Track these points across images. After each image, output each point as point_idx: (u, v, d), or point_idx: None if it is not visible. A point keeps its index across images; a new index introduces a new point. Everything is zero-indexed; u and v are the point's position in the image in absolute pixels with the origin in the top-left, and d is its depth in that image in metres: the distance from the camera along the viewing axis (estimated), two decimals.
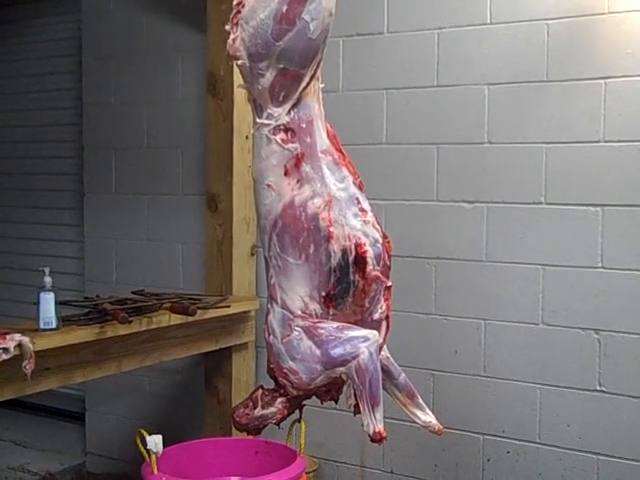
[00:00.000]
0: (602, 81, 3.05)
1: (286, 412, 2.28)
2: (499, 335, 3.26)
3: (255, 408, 2.27)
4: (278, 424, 2.29)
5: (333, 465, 3.64)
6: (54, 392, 3.56)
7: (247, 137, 3.58)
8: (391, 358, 2.38)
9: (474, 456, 3.33)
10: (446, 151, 3.34)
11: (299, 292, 2.21)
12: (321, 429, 3.55)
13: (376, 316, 2.25)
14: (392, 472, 3.49)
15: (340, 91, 3.48)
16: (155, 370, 3.51)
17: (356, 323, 2.22)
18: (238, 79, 3.50)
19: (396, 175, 3.43)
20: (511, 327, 3.23)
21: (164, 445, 3.19)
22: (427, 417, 2.40)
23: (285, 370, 2.21)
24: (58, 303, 2.92)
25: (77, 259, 4.32)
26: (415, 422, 2.40)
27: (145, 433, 3.13)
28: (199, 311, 3.21)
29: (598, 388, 3.07)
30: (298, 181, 2.21)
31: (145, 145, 4.03)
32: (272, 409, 2.26)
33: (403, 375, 2.39)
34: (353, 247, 2.18)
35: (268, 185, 2.23)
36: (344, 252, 2.18)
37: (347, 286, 2.19)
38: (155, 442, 3.14)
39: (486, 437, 3.31)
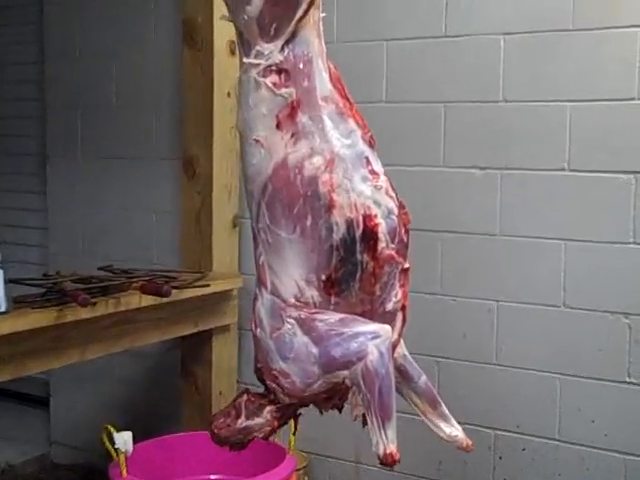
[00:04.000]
0: (637, 29, 2.57)
1: (276, 424, 1.77)
2: (514, 318, 2.84)
3: (238, 418, 1.75)
4: (266, 438, 1.79)
5: (325, 461, 3.19)
6: None
7: (229, 94, 3.09)
8: (409, 356, 1.88)
9: (484, 453, 2.89)
10: (455, 110, 2.91)
11: (293, 275, 1.69)
12: (312, 421, 3.05)
13: (389, 306, 1.74)
14: (391, 469, 3.01)
15: (334, 42, 2.98)
16: (125, 354, 3.02)
17: (363, 315, 1.71)
18: (219, 27, 3.03)
19: (398, 138, 2.96)
20: (528, 310, 2.79)
21: (135, 440, 2.76)
22: (452, 430, 1.91)
23: (275, 372, 1.70)
24: (8, 281, 2.44)
25: (41, 229, 3.79)
26: (438, 435, 1.91)
27: (112, 429, 2.69)
28: (174, 291, 2.72)
29: (627, 380, 2.68)
30: (293, 135, 1.69)
31: (114, 103, 3.52)
32: (259, 420, 1.75)
33: (424, 378, 1.89)
34: (361, 219, 1.67)
35: (256, 140, 1.71)
36: (349, 225, 1.67)
37: (353, 268, 1.68)
38: (124, 440, 2.72)
39: (498, 432, 2.88)
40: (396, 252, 1.72)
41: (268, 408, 1.75)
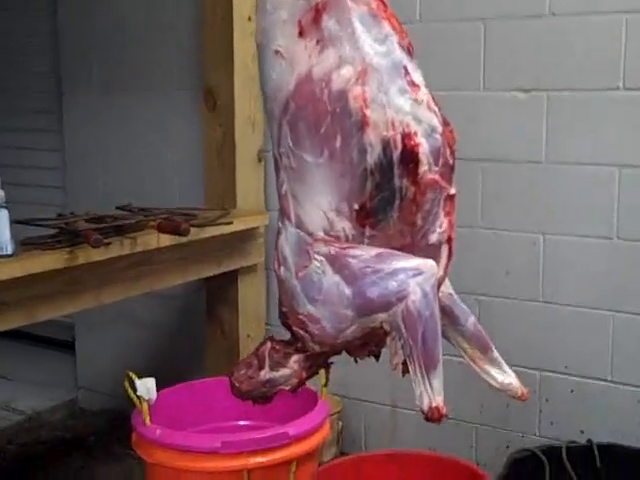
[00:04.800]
0: None
1: (304, 375, 1.52)
2: (562, 252, 2.56)
3: (261, 369, 1.51)
4: (294, 391, 1.55)
5: (360, 404, 2.96)
6: None
7: (250, 18, 2.80)
8: (455, 295, 1.62)
9: (529, 396, 2.60)
10: (495, 27, 2.60)
11: (321, 205, 1.44)
12: (344, 363, 2.84)
13: (433, 238, 1.48)
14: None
15: None
16: (149, 296, 2.81)
17: (403, 249, 1.45)
18: None
19: (432, 59, 2.64)
20: (577, 242, 2.52)
21: (160, 385, 2.55)
22: (506, 377, 1.67)
23: (302, 317, 1.45)
24: (15, 222, 2.23)
25: (58, 170, 3.55)
26: (489, 383, 1.66)
27: (134, 376, 2.48)
28: (194, 229, 2.48)
29: None
30: (318, 43, 1.42)
31: (129, 31, 3.22)
32: (285, 370, 1.51)
33: (472, 319, 1.63)
34: (399, 138, 1.40)
35: (276, 51, 1.45)
36: (386, 145, 1.40)
37: (390, 195, 1.42)
38: (147, 387, 2.50)
39: (544, 373, 2.63)
40: (440, 176, 1.46)
41: (295, 357, 1.50)
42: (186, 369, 3.17)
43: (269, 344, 1.54)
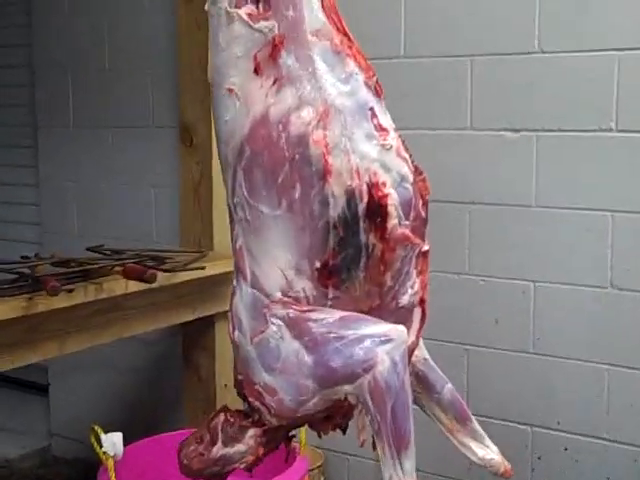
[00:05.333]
0: None
1: (261, 452, 1.34)
2: (554, 301, 2.38)
3: (214, 444, 1.33)
4: (249, 470, 1.37)
5: (342, 458, 2.77)
6: None
7: None
8: (430, 361, 1.44)
9: (521, 453, 2.46)
10: (483, 65, 2.43)
11: (279, 262, 1.27)
12: None
13: (404, 300, 1.30)
14: (418, 469, 2.58)
15: None
16: (126, 341, 2.63)
17: (371, 312, 1.28)
18: None
19: (418, 97, 2.50)
20: (570, 291, 2.35)
21: (136, 434, 2.37)
22: (487, 452, 1.49)
23: (258, 387, 1.28)
24: None
25: (35, 206, 3.39)
26: (468, 458, 1.48)
27: (100, 430, 2.30)
28: (164, 275, 2.31)
29: None
30: (275, 81, 1.26)
31: (107, 67, 3.07)
32: (240, 446, 1.33)
33: (449, 387, 1.45)
34: (365, 188, 1.24)
35: (229, 90, 1.29)
36: (350, 197, 1.23)
37: (356, 252, 1.25)
38: (113, 442, 2.32)
39: (536, 429, 2.45)
40: (412, 230, 1.29)
41: (251, 431, 1.32)
42: (163, 416, 2.99)
43: (222, 416, 1.36)
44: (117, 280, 2.28)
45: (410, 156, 1.30)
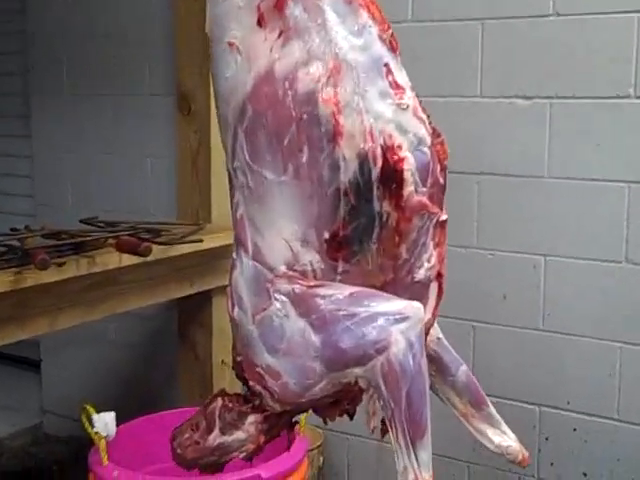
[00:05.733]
0: None
1: (262, 439, 1.22)
2: (565, 276, 2.26)
3: (210, 432, 1.21)
4: (249, 459, 1.25)
5: (343, 438, 2.66)
6: None
7: None
8: (444, 341, 1.32)
9: (528, 433, 2.34)
10: (494, 28, 2.30)
11: (284, 232, 1.14)
12: None
13: (420, 274, 1.18)
14: None
15: None
16: (121, 315, 2.51)
17: (384, 287, 1.16)
18: None
19: (426, 63, 2.37)
20: (582, 266, 2.24)
21: (129, 413, 2.26)
22: (504, 439, 1.37)
23: (260, 369, 1.16)
24: None
25: (28, 178, 3.25)
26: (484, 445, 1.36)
27: (92, 410, 2.19)
28: (159, 248, 2.19)
29: None
30: (281, 34, 1.13)
31: (101, 33, 2.93)
32: (239, 434, 1.20)
33: (464, 368, 1.33)
34: (379, 152, 1.11)
35: (230, 44, 1.16)
36: (363, 161, 1.11)
37: (369, 222, 1.13)
38: (105, 422, 2.21)
39: (544, 409, 2.34)
40: (429, 198, 1.16)
41: (251, 418, 1.20)
42: (158, 395, 2.88)
43: (220, 401, 1.23)
44: (111, 253, 2.15)
45: (428, 117, 1.18)
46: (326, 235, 1.13)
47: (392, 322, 1.10)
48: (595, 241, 2.21)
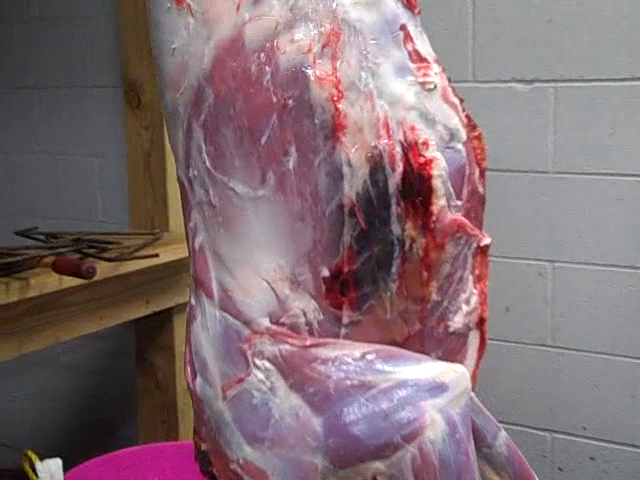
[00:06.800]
0: None
1: None
2: (575, 284, 1.95)
3: None
4: None
5: None
6: None
7: None
8: (476, 400, 0.97)
9: (538, 464, 2.04)
10: (487, 2, 1.88)
11: (263, 270, 0.77)
12: None
13: (456, 322, 0.81)
14: None
15: None
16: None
17: (408, 343, 0.80)
18: None
19: None
20: (595, 273, 1.92)
21: (85, 447, 1.96)
22: None
23: (235, 466, 0.78)
24: None
25: None
26: None
27: (33, 456, 1.85)
28: (107, 266, 1.81)
29: None
30: None
31: (35, 14, 2.53)
32: None
33: (504, 435, 0.98)
34: (399, 152, 0.75)
35: (178, 1, 0.79)
36: (376, 165, 0.74)
37: (386, 252, 0.76)
38: (50, 471, 1.86)
39: (556, 436, 2.02)
40: (466, 214, 0.81)
41: None
42: (115, 425, 2.50)
43: None
44: (47, 274, 1.77)
45: (461, 101, 0.82)
46: (325, 272, 0.76)
47: (425, 395, 0.74)
48: (610, 244, 1.89)
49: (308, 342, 0.77)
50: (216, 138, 0.77)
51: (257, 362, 0.77)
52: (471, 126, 0.82)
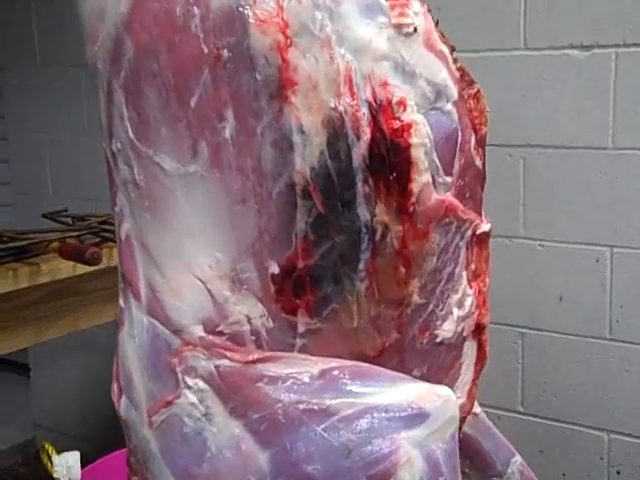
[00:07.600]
0: None
1: None
2: (636, 272, 1.71)
3: None
4: None
5: None
6: None
7: None
8: (484, 417, 0.78)
9: (594, 466, 1.84)
10: None
11: (196, 266, 0.60)
12: None
13: (445, 330, 0.63)
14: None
15: None
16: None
17: (382, 358, 0.62)
18: None
19: (453, 9, 1.81)
20: None
21: (105, 447, 1.83)
22: None
23: None
24: None
25: (4, 163, 2.78)
26: None
27: (51, 449, 1.76)
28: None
29: None
30: None
31: None
32: None
33: (518, 461, 0.79)
34: (366, 115, 0.57)
35: None
36: (336, 132, 0.56)
37: (350, 242, 0.59)
38: (67, 464, 1.76)
39: (614, 436, 1.83)
40: (457, 194, 0.62)
41: None
42: None
43: None
44: (59, 259, 1.66)
45: (452, 50, 0.63)
46: (274, 268, 0.59)
47: (399, 425, 0.56)
48: None
49: (253, 356, 0.60)
50: (139, 101, 0.60)
51: (188, 381, 0.60)
52: (466, 82, 0.63)
